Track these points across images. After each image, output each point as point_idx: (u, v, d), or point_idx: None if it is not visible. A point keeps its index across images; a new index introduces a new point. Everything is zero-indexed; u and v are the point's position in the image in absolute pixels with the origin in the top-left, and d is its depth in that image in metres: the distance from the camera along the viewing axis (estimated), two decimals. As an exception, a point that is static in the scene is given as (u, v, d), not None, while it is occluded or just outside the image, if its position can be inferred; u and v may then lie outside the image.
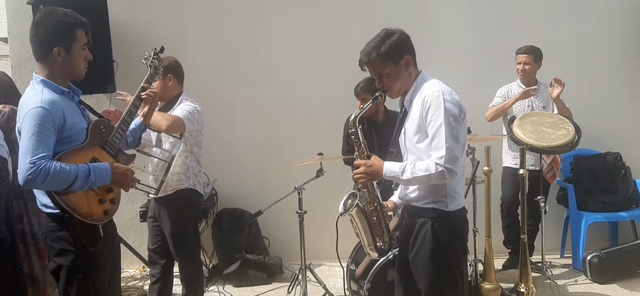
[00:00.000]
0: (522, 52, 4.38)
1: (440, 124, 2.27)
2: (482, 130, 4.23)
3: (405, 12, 4.81)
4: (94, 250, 2.29)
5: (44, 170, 2.09)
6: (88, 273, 2.30)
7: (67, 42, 2.28)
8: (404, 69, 2.41)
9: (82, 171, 2.19)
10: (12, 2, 4.63)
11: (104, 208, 2.34)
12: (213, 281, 4.61)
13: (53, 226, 2.30)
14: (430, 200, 2.40)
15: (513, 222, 4.50)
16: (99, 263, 2.35)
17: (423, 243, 2.40)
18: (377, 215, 2.51)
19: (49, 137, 2.16)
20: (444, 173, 2.25)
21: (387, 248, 2.55)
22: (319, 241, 4.57)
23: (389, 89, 2.42)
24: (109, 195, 2.36)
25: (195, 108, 3.31)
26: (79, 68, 2.35)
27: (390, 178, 2.39)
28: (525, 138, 3.94)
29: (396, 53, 2.38)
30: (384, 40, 2.38)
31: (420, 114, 2.33)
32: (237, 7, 4.86)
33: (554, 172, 4.38)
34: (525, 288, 3.29)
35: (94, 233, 2.31)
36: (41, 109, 2.16)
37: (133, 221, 4.87)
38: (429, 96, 2.31)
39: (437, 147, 2.27)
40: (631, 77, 4.99)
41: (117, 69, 4.45)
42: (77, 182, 2.17)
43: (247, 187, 4.92)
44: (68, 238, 2.27)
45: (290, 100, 4.92)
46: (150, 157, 3.30)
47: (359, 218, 2.50)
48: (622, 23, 4.94)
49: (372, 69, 2.41)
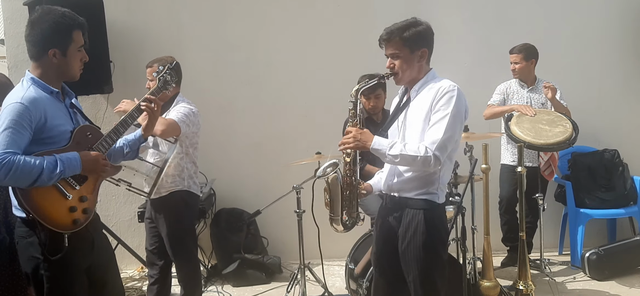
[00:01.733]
0: (513, 52, 4.40)
1: (446, 115, 2.34)
2: (480, 128, 4.23)
3: (403, 11, 4.75)
4: (56, 260, 2.16)
5: (7, 164, 2.02)
6: (53, 282, 2.20)
7: (63, 44, 2.22)
8: (417, 60, 2.48)
9: (49, 162, 2.11)
10: (8, 2, 4.61)
11: (73, 218, 2.21)
12: (212, 281, 4.61)
13: (23, 231, 2.22)
14: (423, 191, 2.45)
15: (511, 219, 4.50)
16: (62, 274, 2.22)
17: (415, 234, 2.43)
18: (350, 190, 2.52)
19: (21, 135, 2.09)
20: (431, 159, 2.32)
21: (351, 224, 2.57)
22: (317, 241, 4.56)
23: (397, 74, 2.48)
24: (81, 204, 2.25)
25: (190, 110, 3.28)
26: (74, 70, 2.29)
27: (377, 150, 2.37)
28: (522, 136, 3.94)
29: (416, 42, 2.46)
30: (410, 26, 2.47)
31: (432, 102, 2.39)
32: (234, 7, 4.85)
33: (552, 169, 4.38)
34: (523, 286, 3.29)
35: (58, 242, 2.17)
36: (19, 105, 2.10)
37: (131, 221, 4.86)
38: (446, 87, 2.40)
39: (434, 133, 2.35)
40: (629, 75, 5.00)
41: (113, 69, 4.43)
42: (43, 175, 2.08)
43: (245, 187, 4.91)
44: (36, 244, 2.18)
45: (288, 99, 4.91)
46: (144, 161, 3.28)
47: (334, 188, 2.53)
48: (619, 21, 4.95)
49: (389, 48, 2.48)
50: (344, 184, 2.51)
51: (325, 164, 2.63)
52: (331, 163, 2.60)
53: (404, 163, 2.39)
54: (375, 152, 2.38)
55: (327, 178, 2.54)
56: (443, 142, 2.32)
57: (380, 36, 2.50)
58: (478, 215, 3.87)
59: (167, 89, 2.71)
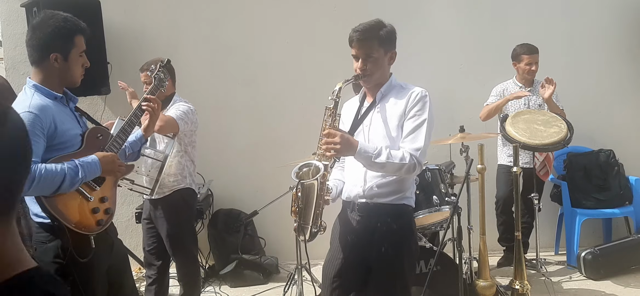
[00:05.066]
0: (533, 52, 4.34)
1: (424, 120, 2.34)
2: (476, 128, 4.25)
3: (398, 11, 4.82)
4: (84, 262, 2.16)
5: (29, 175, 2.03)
6: (75, 286, 2.16)
7: (65, 49, 2.21)
8: (387, 62, 2.44)
9: (71, 169, 2.10)
10: (5, 4, 4.62)
11: (96, 219, 2.23)
12: (209, 281, 4.61)
13: (43, 236, 2.20)
14: (401, 196, 2.43)
15: (507, 219, 4.52)
16: (89, 276, 2.22)
17: (393, 239, 2.39)
18: (322, 200, 2.31)
19: (37, 143, 2.07)
20: (415, 166, 2.30)
21: (316, 234, 2.34)
22: (315, 241, 4.55)
23: (369, 75, 2.39)
24: (103, 205, 2.27)
25: (188, 108, 3.32)
26: (75, 75, 2.28)
27: (362, 156, 2.25)
28: (517, 136, 3.96)
29: (390, 43, 2.43)
30: (382, 26, 2.40)
31: (405, 108, 2.36)
32: (230, 7, 4.86)
33: (547, 169, 4.40)
34: (520, 285, 3.31)
35: (84, 244, 2.18)
36: (29, 114, 2.07)
37: (129, 222, 4.86)
38: (419, 93, 2.38)
39: (415, 139, 2.33)
40: (624, 74, 5.02)
41: (111, 70, 4.44)
42: (66, 182, 2.08)
43: (242, 188, 4.92)
44: (57, 249, 2.16)
45: (285, 99, 4.93)
46: (143, 158, 3.30)
47: (309, 194, 2.28)
48: (615, 21, 4.97)
49: (364, 48, 2.36)
50: (320, 193, 2.27)
51: (300, 164, 2.36)
52: (306, 164, 2.34)
53: (390, 170, 2.31)
54: (359, 158, 2.27)
55: (304, 182, 2.28)
56: (425, 148, 2.33)
57: (352, 36, 2.37)
58: (474, 215, 3.88)
59: (162, 87, 2.72)
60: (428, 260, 3.38)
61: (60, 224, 2.11)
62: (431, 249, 3.43)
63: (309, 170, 2.31)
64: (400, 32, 2.51)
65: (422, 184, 3.57)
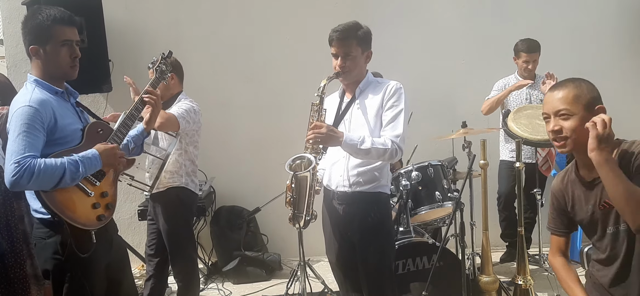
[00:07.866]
0: (534, 51, 4.35)
1: (401, 110, 2.54)
2: (478, 123, 4.24)
3: (400, 6, 4.82)
4: (84, 257, 2.16)
5: (28, 169, 1.99)
6: (75, 281, 2.18)
7: (42, 40, 2.19)
8: (365, 60, 2.63)
9: (71, 164, 2.09)
10: (7, 2, 4.62)
11: (97, 214, 2.22)
12: (212, 278, 4.62)
13: (43, 232, 2.20)
14: (380, 183, 2.63)
15: (510, 215, 4.52)
16: (89, 271, 2.22)
17: (375, 223, 2.61)
18: (314, 190, 2.54)
19: (36, 137, 2.07)
20: (397, 151, 2.50)
21: (309, 221, 2.59)
22: (317, 237, 4.56)
23: (348, 72, 2.58)
24: (103, 200, 2.26)
25: (192, 107, 3.29)
26: (62, 65, 2.23)
27: (348, 145, 2.45)
28: (519, 132, 3.94)
29: (367, 42, 2.62)
30: (360, 27, 2.58)
31: (382, 100, 2.54)
32: (232, 5, 4.86)
33: (549, 164, 4.39)
34: (522, 281, 3.30)
35: (85, 239, 2.17)
36: (29, 108, 2.07)
37: (131, 220, 4.87)
38: (394, 86, 2.58)
39: (395, 127, 2.52)
40: (626, 70, 5.01)
41: (113, 68, 4.44)
42: (66, 176, 2.07)
43: (244, 185, 4.93)
44: (56, 245, 2.17)
45: (287, 96, 4.92)
46: (145, 154, 3.30)
47: (303, 185, 2.51)
48: (617, 16, 4.96)
49: (343, 47, 2.55)
50: (313, 183, 2.50)
51: (293, 156, 2.54)
52: (298, 156, 2.52)
53: (374, 157, 2.50)
54: (346, 147, 2.46)
55: (297, 174, 2.48)
56: (404, 135, 2.52)
57: (332, 35, 2.56)
58: (477, 211, 3.88)
59: (164, 79, 2.73)
60: (431, 256, 3.38)
61: (60, 220, 2.10)
62: (434, 245, 3.43)
63: (302, 162, 2.50)
64: (402, 28, 2.54)
65: (425, 180, 3.57)
